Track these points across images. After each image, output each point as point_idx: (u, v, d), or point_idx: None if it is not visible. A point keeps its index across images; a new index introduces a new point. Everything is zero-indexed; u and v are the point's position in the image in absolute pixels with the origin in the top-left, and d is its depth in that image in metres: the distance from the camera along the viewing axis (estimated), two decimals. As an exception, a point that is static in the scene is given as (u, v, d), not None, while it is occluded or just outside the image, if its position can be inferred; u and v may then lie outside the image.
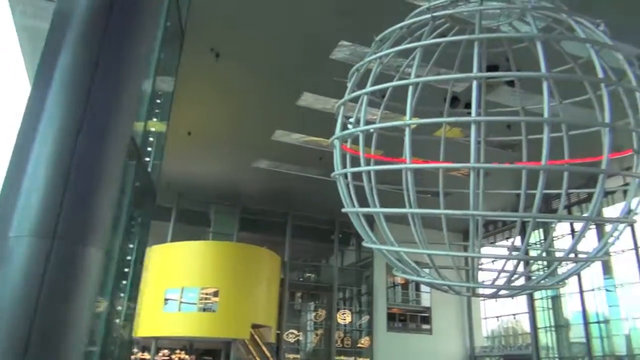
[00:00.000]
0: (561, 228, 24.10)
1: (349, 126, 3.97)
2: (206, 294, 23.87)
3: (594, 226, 19.33)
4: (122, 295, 7.29)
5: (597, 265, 23.98)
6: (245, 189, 27.03)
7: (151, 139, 8.33)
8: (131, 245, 7.53)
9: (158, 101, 8.72)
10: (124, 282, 7.26)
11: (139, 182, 6.74)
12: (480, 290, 5.25)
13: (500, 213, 4.12)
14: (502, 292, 4.34)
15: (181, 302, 23.64)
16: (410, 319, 33.04)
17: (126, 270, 7.26)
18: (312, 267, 33.00)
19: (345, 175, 4.24)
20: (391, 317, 31.85)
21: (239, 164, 22.83)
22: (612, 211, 20.90)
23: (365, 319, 31.17)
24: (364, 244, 4.13)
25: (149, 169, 8.07)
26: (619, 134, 3.27)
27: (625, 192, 3.86)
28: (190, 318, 23.32)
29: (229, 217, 28.68)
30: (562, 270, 4.67)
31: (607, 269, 23.65)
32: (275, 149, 20.65)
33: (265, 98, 17.05)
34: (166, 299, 23.63)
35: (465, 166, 2.79)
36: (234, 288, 23.82)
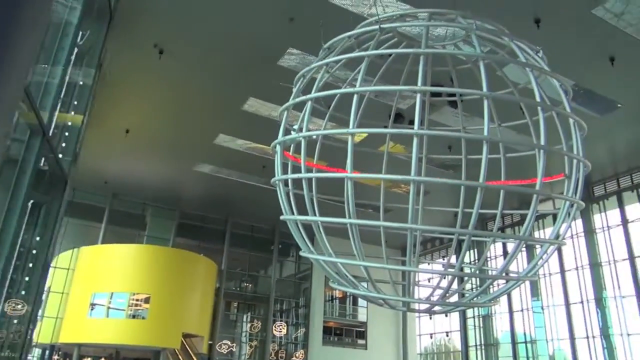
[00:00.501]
0: (494, 250, 25.12)
1: (293, 133, 3.94)
2: (136, 300, 23.05)
3: (524, 249, 20.22)
4: (22, 293, 6.82)
5: (525, 287, 25.11)
6: (185, 193, 26.43)
7: (69, 123, 7.92)
8: (38, 239, 7.08)
9: (80, 84, 8.28)
10: (26, 279, 6.80)
11: (47, 167, 6.37)
12: (415, 306, 5.31)
13: (437, 228, 4.21)
14: (436, 308, 4.42)
15: (109, 308, 22.69)
16: (346, 333, 33.28)
17: (29, 265, 6.81)
18: (250, 277, 32.60)
19: (286, 183, 4.19)
20: (327, 330, 31.95)
21: (179, 166, 22.28)
22: (542, 235, 21.95)
23: (301, 331, 31.09)
24: (302, 253, 4.10)
25: (60, 155, 7.64)
26: (554, 162, 3.42)
27: (555, 216, 4.04)
28: (118, 325, 22.38)
29: (166, 221, 27.89)
30: (494, 289, 4.82)
31: (535, 291, 24.79)
32: (217, 153, 20.29)
33: (209, 100, 16.74)
34: (93, 304, 22.60)
35: (406, 179, 2.83)
36: (167, 295, 23.12)
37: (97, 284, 22.97)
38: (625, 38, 12.15)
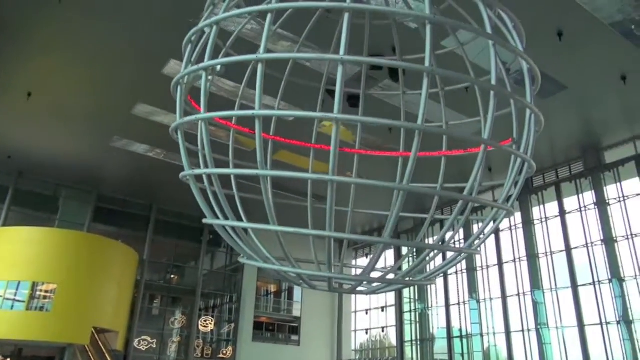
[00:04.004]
0: (431, 231, 25.45)
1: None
2: (44, 290, 21.54)
3: (461, 232, 20.51)
4: None
5: (463, 280, 25.69)
6: (103, 173, 24.91)
7: None
8: None
9: None
10: None
11: None
12: (345, 287, 4.76)
13: (368, 181, 3.73)
14: (363, 288, 3.93)
15: (6, 299, 21.03)
16: (279, 328, 32.93)
17: None
18: (176, 268, 31.51)
19: (190, 137, 3.63)
20: (258, 326, 31.45)
21: (94, 141, 20.75)
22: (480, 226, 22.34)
23: (230, 327, 30.41)
24: (205, 221, 3.58)
25: None
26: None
27: (492, 208, 3.70)
28: (17, 318, 20.81)
29: (82, 204, 26.33)
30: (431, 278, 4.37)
31: (472, 284, 25.36)
32: (137, 127, 18.94)
33: (125, 62, 15.38)
34: (-12, 294, 20.88)
35: (328, 116, 2.41)
36: (76, 285, 21.72)
37: (-6, 271, 21.23)
38: (573, 9, 11.95)
